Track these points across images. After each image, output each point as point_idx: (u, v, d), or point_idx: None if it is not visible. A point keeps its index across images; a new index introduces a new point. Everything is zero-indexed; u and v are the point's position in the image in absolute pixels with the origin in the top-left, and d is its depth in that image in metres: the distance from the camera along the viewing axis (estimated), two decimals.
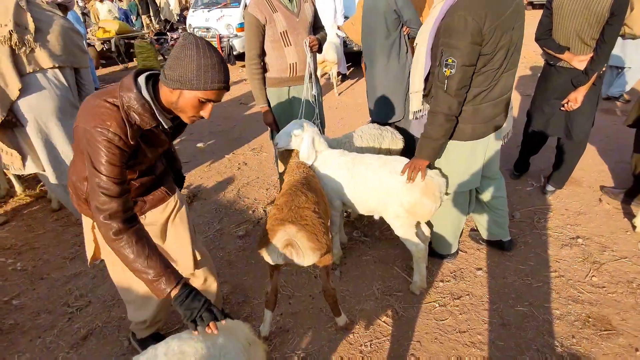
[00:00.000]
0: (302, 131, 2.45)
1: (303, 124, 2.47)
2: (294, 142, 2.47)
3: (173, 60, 1.31)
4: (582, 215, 3.10)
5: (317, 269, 2.62)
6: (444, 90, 2.05)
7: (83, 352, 2.16)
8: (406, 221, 2.33)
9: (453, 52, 1.95)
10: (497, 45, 1.95)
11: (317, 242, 1.81)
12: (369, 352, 2.09)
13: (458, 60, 1.95)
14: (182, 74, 1.30)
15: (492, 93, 2.14)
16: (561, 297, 2.36)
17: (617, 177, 3.61)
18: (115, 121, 1.35)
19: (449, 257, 2.71)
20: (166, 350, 1.30)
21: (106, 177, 1.35)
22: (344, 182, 2.41)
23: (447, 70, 2.01)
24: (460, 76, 1.99)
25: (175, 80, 1.32)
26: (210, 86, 1.32)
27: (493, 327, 2.19)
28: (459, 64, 1.96)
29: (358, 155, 2.48)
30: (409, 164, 2.25)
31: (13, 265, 2.89)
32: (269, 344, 2.14)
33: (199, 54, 1.29)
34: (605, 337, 2.09)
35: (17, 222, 3.45)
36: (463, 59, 1.95)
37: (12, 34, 2.58)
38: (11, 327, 2.35)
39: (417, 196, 2.23)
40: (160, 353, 1.29)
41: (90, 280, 2.70)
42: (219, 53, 1.34)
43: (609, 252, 2.69)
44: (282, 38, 2.67)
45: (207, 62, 1.30)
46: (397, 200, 2.28)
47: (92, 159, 1.36)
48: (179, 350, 1.30)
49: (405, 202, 2.25)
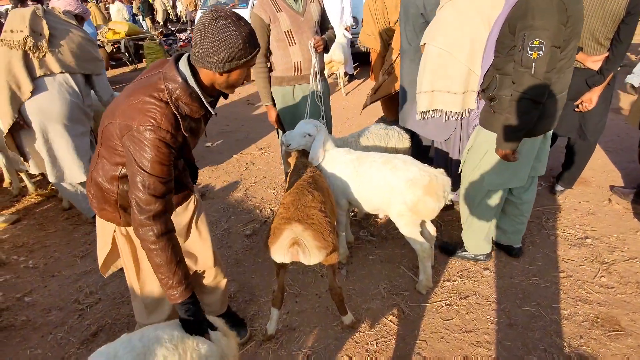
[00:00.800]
0: (316, 131, 2.45)
1: (316, 124, 2.47)
2: (307, 143, 2.48)
3: (215, 42, 1.27)
4: (591, 215, 3.07)
5: (324, 268, 2.63)
6: (531, 74, 1.93)
7: (93, 348, 2.18)
8: (410, 220, 2.33)
9: (539, 33, 1.85)
10: (572, 32, 1.89)
11: (323, 241, 1.82)
12: (375, 350, 2.10)
13: (546, 41, 1.85)
14: (232, 53, 1.30)
15: (555, 88, 2.06)
16: (569, 298, 2.34)
17: (627, 176, 3.57)
18: (165, 117, 1.33)
19: (486, 258, 2.65)
20: (141, 336, 1.34)
21: (154, 177, 1.33)
22: (349, 181, 2.42)
23: (533, 53, 1.90)
24: (549, 57, 1.89)
25: (225, 62, 1.31)
26: (255, 51, 1.37)
27: (500, 327, 2.18)
28: (548, 44, 1.85)
29: (363, 153, 2.48)
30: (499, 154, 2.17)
31: (25, 263, 2.94)
32: (275, 342, 2.16)
33: (239, 28, 1.29)
34: (613, 338, 2.07)
35: (29, 220, 3.51)
36: (552, 40, 1.85)
37: (27, 39, 2.70)
38: (23, 323, 2.39)
39: (419, 194, 2.22)
40: (135, 339, 1.33)
41: (100, 278, 2.73)
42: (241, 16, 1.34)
43: (618, 253, 2.66)
44: (286, 37, 2.70)
45: (247, 31, 1.31)
46: (400, 198, 2.28)
47: (135, 158, 1.32)
48: (155, 336, 1.34)
49: (409, 200, 2.25)
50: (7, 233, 3.31)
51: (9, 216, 3.48)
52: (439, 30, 2.58)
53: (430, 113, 2.78)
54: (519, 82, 2.00)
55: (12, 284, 2.72)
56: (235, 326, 2.11)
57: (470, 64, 2.53)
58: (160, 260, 1.37)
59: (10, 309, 2.50)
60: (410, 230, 2.36)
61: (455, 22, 2.50)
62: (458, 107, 2.69)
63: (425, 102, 2.75)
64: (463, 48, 2.52)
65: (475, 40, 2.48)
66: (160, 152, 1.33)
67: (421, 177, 2.24)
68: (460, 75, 2.59)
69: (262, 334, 2.19)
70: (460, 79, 2.60)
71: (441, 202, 2.28)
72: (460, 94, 2.63)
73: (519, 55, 1.96)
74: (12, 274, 2.82)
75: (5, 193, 3.99)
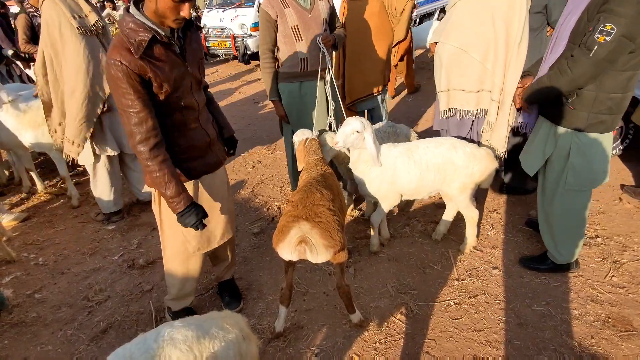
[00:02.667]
0: (364, 128, 2.36)
1: (362, 120, 2.38)
2: (354, 141, 2.39)
3: None
4: (602, 215, 3.04)
5: (332, 266, 2.62)
6: (589, 56, 1.89)
7: (103, 345, 2.21)
8: (470, 190, 2.57)
9: (615, 19, 1.79)
10: None
11: (330, 240, 1.81)
12: (383, 349, 2.09)
13: (619, 28, 1.79)
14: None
15: (635, 80, 1.99)
16: (580, 297, 2.32)
17: (637, 176, 3.52)
18: (114, 49, 1.54)
19: (575, 267, 2.50)
20: (156, 337, 1.33)
21: (126, 112, 1.58)
22: (405, 172, 2.48)
23: (601, 37, 1.84)
24: (614, 47, 1.83)
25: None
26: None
27: (509, 326, 2.16)
28: (618, 32, 1.80)
29: (408, 144, 2.58)
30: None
31: (35, 260, 2.97)
32: (283, 339, 2.16)
33: None
34: (625, 338, 2.05)
35: (39, 218, 3.54)
36: (625, 29, 1.79)
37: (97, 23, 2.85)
38: (34, 319, 2.41)
39: (485, 163, 2.48)
40: (150, 340, 1.32)
41: (109, 275, 2.76)
42: None
43: (629, 252, 2.63)
44: (293, 32, 2.72)
45: None
46: (466, 171, 2.47)
47: (114, 94, 1.59)
48: (169, 337, 1.33)
49: (476, 170, 2.47)
50: (17, 231, 3.34)
51: (18, 214, 3.51)
52: (454, 28, 2.58)
53: (449, 112, 2.79)
54: (574, 60, 1.98)
55: (22, 281, 2.75)
56: (231, 297, 2.39)
57: (485, 62, 2.53)
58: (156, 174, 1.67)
59: (20, 306, 2.52)
60: (467, 200, 2.59)
61: (470, 21, 2.51)
62: (472, 106, 2.69)
63: (444, 101, 2.78)
64: (478, 46, 2.52)
65: (490, 39, 2.48)
66: (120, 85, 1.54)
67: (478, 149, 2.50)
68: (475, 74, 2.59)
69: (270, 331, 2.19)
70: (475, 77, 2.60)
71: (496, 165, 2.55)
72: (475, 92, 2.63)
73: (587, 36, 1.91)
74: (23, 271, 2.85)
75: (15, 191, 4.03)
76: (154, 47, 1.59)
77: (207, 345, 1.36)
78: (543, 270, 2.53)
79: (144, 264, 2.82)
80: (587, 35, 1.91)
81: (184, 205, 1.71)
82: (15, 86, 4.20)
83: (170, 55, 1.65)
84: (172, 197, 1.70)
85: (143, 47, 1.54)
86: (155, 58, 1.60)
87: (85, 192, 3.91)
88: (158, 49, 1.61)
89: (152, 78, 1.59)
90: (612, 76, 1.98)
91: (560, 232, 2.43)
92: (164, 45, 1.63)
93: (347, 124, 2.38)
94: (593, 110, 2.08)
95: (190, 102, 1.80)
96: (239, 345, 1.46)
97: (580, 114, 2.12)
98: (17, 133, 3.34)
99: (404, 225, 3.10)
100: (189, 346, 1.33)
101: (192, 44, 1.78)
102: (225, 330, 1.46)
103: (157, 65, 1.60)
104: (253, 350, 1.53)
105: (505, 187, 3.41)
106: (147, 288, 2.61)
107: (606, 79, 2.00)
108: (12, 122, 3.30)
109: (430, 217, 3.18)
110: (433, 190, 2.62)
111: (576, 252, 2.46)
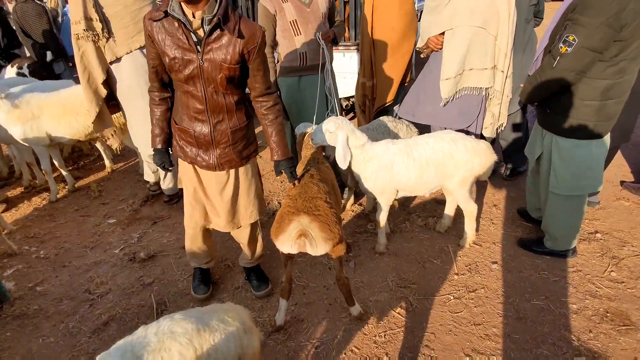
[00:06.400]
0: (336, 128, 2.39)
1: (337, 121, 2.41)
2: (329, 139, 2.43)
3: None
4: (601, 210, 3.04)
5: (331, 260, 2.63)
6: (552, 67, 1.91)
7: (104, 337, 2.22)
8: (469, 184, 2.59)
9: (578, 29, 1.78)
10: (635, 33, 1.77)
11: (329, 232, 1.82)
12: (383, 342, 2.10)
13: (579, 40, 1.78)
14: None
15: (620, 88, 1.96)
16: (578, 292, 2.33)
17: (638, 172, 3.52)
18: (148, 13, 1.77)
19: (572, 254, 2.57)
20: (156, 330, 1.34)
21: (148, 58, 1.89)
22: (405, 169, 2.47)
23: (563, 47, 1.86)
24: (575, 58, 1.83)
25: None
26: None
27: (508, 320, 2.18)
28: (579, 44, 1.79)
29: (406, 140, 2.57)
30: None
31: (36, 253, 2.98)
32: (283, 332, 2.17)
33: None
34: (623, 332, 2.06)
35: (40, 212, 3.55)
36: (586, 41, 1.77)
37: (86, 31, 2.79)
38: (35, 312, 2.43)
39: (485, 157, 2.51)
40: (151, 333, 1.34)
41: (110, 269, 2.77)
42: None
43: (628, 248, 2.64)
44: (291, 27, 2.72)
45: None
46: (466, 166, 2.48)
47: None
48: (169, 330, 1.34)
49: (476, 164, 2.49)
50: (18, 224, 3.35)
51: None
52: (467, 10, 2.61)
53: (458, 94, 2.82)
54: (542, 67, 2.03)
55: (24, 274, 2.76)
56: (259, 280, 2.46)
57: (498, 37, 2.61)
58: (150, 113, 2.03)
59: (22, 298, 2.54)
60: (467, 194, 2.61)
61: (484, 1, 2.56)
62: (486, 83, 2.74)
63: (451, 86, 2.77)
64: (493, 23, 2.58)
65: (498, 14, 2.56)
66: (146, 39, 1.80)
67: (477, 143, 2.51)
68: (492, 50, 2.65)
69: (271, 325, 2.21)
70: (491, 54, 2.66)
71: (495, 159, 2.59)
72: (490, 69, 2.69)
73: (554, 45, 1.92)
74: (24, 264, 2.86)
75: (16, 185, 4.04)
76: (171, 21, 1.70)
77: (207, 337, 1.37)
78: (539, 252, 2.59)
79: (145, 257, 2.83)
80: (555, 43, 1.91)
81: (153, 145, 2.06)
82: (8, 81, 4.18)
83: (180, 37, 1.72)
84: (152, 135, 2.05)
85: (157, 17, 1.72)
86: (166, 30, 1.72)
87: (85, 186, 3.92)
88: (172, 25, 1.71)
89: (156, 43, 1.76)
90: (586, 84, 1.97)
91: (554, 230, 2.50)
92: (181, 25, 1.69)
93: (324, 123, 2.45)
94: (570, 115, 2.07)
95: (194, 93, 1.85)
96: (240, 338, 1.47)
97: (557, 118, 2.13)
98: (6, 127, 3.36)
99: (404, 220, 3.11)
100: (189, 339, 1.33)
101: (221, 45, 1.74)
102: (226, 323, 1.46)
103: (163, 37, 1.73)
104: (255, 343, 1.54)
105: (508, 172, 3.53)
106: (148, 281, 2.62)
107: (581, 86, 1.98)
108: (2, 117, 3.31)
109: (430, 212, 3.19)
110: (434, 187, 2.62)
111: (573, 242, 2.50)
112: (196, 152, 2.01)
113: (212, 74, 1.78)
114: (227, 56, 1.75)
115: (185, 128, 1.96)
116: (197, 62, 1.75)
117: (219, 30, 1.71)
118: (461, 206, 2.69)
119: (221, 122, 1.94)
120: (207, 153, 1.99)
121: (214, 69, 1.77)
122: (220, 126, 1.94)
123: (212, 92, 1.85)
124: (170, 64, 1.77)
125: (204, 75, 1.78)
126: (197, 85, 1.82)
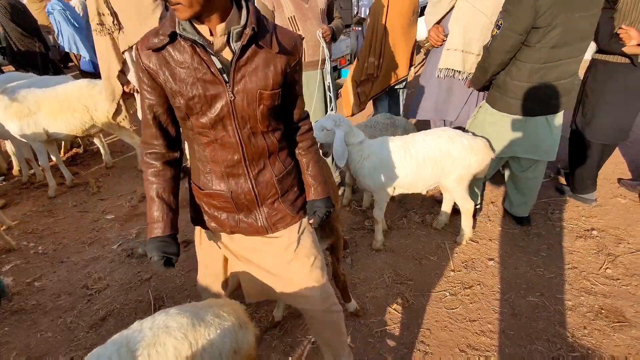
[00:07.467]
0: (334, 126, 2.40)
1: (335, 118, 2.41)
2: (325, 137, 2.45)
3: None
4: (598, 208, 3.05)
5: (328, 256, 2.64)
6: (487, 47, 2.34)
7: (102, 332, 2.24)
8: (467, 181, 2.61)
9: (504, 15, 2.20)
10: (553, 21, 2.09)
11: (327, 229, 1.83)
12: (379, 338, 2.12)
13: (504, 23, 2.19)
14: None
15: (549, 74, 2.29)
16: (574, 289, 2.34)
17: (635, 169, 3.53)
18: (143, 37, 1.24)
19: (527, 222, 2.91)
20: (151, 324, 1.34)
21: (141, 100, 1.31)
22: (402, 166, 2.49)
23: (494, 30, 2.28)
24: (502, 39, 2.23)
25: None
26: None
27: (503, 316, 2.19)
28: (504, 27, 2.19)
29: (405, 137, 2.58)
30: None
31: (35, 249, 2.99)
32: (280, 328, 2.18)
33: None
34: (617, 329, 2.08)
35: (38, 207, 3.55)
36: (509, 23, 2.18)
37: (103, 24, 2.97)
38: (33, 307, 2.44)
39: (482, 154, 2.51)
40: (146, 327, 1.34)
41: (108, 264, 2.78)
42: None
43: (624, 245, 2.65)
44: (290, 23, 2.71)
45: None
46: (464, 163, 2.50)
47: None
48: (164, 324, 1.34)
49: (474, 161, 2.50)
50: (16, 219, 3.36)
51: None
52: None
53: (444, 71, 2.88)
54: (485, 49, 2.40)
55: (22, 269, 2.77)
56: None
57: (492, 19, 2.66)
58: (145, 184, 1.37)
59: (20, 294, 2.55)
60: (464, 191, 2.64)
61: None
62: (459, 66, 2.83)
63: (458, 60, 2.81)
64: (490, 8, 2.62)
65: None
66: (139, 79, 1.28)
67: (475, 141, 2.51)
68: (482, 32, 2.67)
69: (269, 320, 2.22)
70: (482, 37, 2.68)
71: (493, 156, 2.58)
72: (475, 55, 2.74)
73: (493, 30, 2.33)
74: (22, 260, 2.87)
75: (14, 180, 4.04)
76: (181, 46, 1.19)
77: (202, 332, 1.37)
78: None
79: (143, 253, 2.84)
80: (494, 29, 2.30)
81: (150, 234, 1.34)
82: (5, 77, 4.17)
83: (198, 66, 1.19)
84: (149, 219, 1.36)
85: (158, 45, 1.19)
86: (175, 61, 1.20)
87: (84, 182, 3.93)
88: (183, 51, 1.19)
89: (163, 83, 1.23)
90: (516, 65, 2.33)
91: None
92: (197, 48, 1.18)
93: (320, 120, 2.47)
94: (501, 91, 2.45)
95: (225, 140, 1.31)
96: (235, 333, 1.47)
97: (492, 93, 2.53)
98: (3, 123, 3.37)
99: (401, 216, 3.12)
100: (184, 333, 1.34)
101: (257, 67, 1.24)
102: (221, 318, 1.47)
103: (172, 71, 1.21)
104: (250, 338, 1.54)
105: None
106: (145, 277, 2.63)
107: (512, 67, 2.36)
108: (0, 113, 3.31)
109: (427, 208, 3.20)
110: (431, 184, 2.63)
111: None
112: (237, 218, 1.46)
113: (247, 109, 1.27)
114: (268, 80, 1.25)
115: (216, 192, 1.40)
116: (226, 97, 1.23)
117: (253, 46, 1.22)
118: (458, 203, 2.70)
119: (263, 170, 1.41)
120: (252, 215, 1.45)
121: (251, 102, 1.26)
122: (262, 177, 1.41)
123: (249, 134, 1.32)
124: (187, 105, 1.24)
125: (237, 113, 1.26)
126: (228, 129, 1.29)
